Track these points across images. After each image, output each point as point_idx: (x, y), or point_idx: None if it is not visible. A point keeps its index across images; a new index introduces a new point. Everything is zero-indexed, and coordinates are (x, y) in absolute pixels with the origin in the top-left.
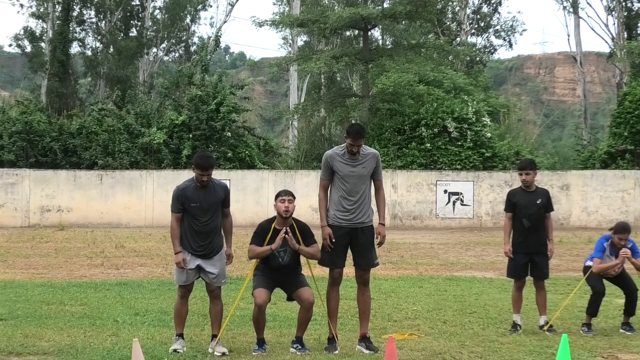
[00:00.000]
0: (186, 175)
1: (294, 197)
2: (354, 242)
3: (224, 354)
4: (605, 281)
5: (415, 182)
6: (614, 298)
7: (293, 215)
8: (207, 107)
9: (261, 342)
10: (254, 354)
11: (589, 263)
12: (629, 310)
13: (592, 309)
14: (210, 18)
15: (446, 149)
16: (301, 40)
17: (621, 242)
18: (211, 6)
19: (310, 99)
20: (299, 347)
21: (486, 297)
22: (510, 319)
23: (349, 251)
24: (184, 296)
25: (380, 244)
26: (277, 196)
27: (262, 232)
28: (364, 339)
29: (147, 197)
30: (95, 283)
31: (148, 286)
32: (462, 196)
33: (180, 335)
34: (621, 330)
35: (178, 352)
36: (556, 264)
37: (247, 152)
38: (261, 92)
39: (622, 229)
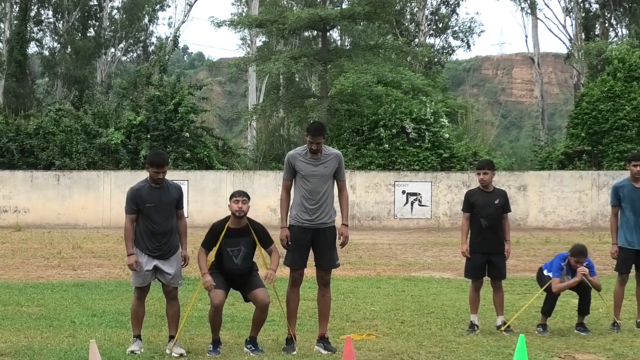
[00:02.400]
0: (144, 175)
1: (249, 198)
2: (315, 243)
3: (181, 355)
4: None
5: (374, 183)
6: (571, 298)
7: (249, 216)
8: (165, 107)
9: (216, 343)
10: (208, 355)
11: (547, 273)
12: (583, 309)
13: (547, 308)
14: (169, 18)
15: (404, 149)
16: (260, 40)
17: (577, 264)
18: (169, 6)
19: (269, 100)
20: (252, 348)
21: (444, 297)
22: (468, 319)
23: (311, 252)
24: (140, 297)
25: (343, 244)
26: (231, 197)
27: (214, 234)
28: (323, 340)
29: (104, 197)
30: (52, 284)
31: (105, 287)
32: (420, 197)
33: (138, 337)
34: (576, 331)
35: (135, 353)
36: (513, 265)
37: (205, 152)
38: (220, 93)
39: (579, 252)
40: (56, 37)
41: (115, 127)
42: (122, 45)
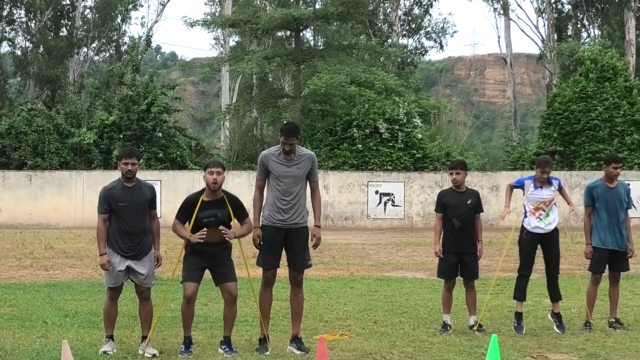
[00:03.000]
0: (117, 175)
1: (224, 169)
2: (288, 243)
3: (154, 355)
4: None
5: (347, 183)
6: (544, 298)
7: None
8: (138, 107)
9: (188, 342)
10: (180, 356)
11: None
12: (553, 295)
13: (519, 292)
14: (142, 18)
15: (377, 150)
16: (233, 40)
17: (543, 175)
18: (142, 6)
19: (242, 100)
20: (227, 348)
21: (417, 297)
22: (441, 319)
23: (284, 252)
24: (113, 298)
25: (315, 245)
26: (205, 167)
27: (189, 207)
28: (296, 340)
29: (77, 197)
30: (24, 284)
31: (78, 287)
32: (393, 197)
33: (110, 337)
34: (549, 319)
35: (108, 354)
36: (486, 264)
37: (178, 152)
38: (193, 93)
39: (543, 161)
40: (28, 37)
41: (87, 127)
42: (94, 44)
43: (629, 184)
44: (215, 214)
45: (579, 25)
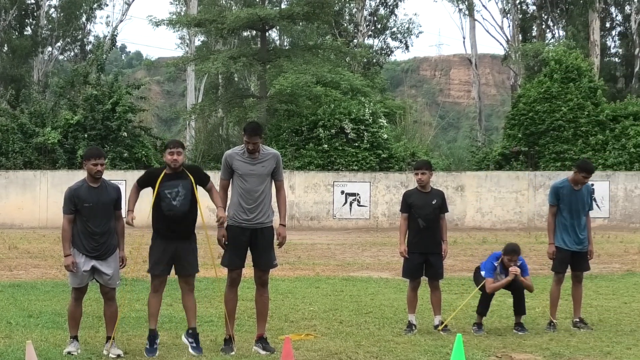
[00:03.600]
0: (81, 175)
1: (184, 148)
2: (253, 243)
3: (118, 356)
4: None
5: (313, 183)
6: (507, 298)
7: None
8: (103, 106)
9: (152, 338)
10: (146, 356)
11: (484, 273)
12: (518, 309)
13: (482, 307)
14: (107, 17)
15: (343, 150)
16: (199, 40)
17: (510, 262)
18: (107, 5)
19: (207, 99)
20: (193, 342)
21: (382, 297)
22: (406, 319)
23: (249, 252)
24: (78, 298)
25: (280, 244)
26: (166, 147)
27: (150, 176)
28: (261, 340)
29: (41, 197)
30: None
31: (42, 288)
32: (359, 197)
33: (75, 338)
34: (514, 331)
35: (72, 354)
36: (450, 264)
37: (143, 152)
38: (158, 92)
39: (511, 251)
40: None
41: (52, 126)
42: (59, 44)
43: (592, 185)
44: (177, 187)
45: (543, 26)
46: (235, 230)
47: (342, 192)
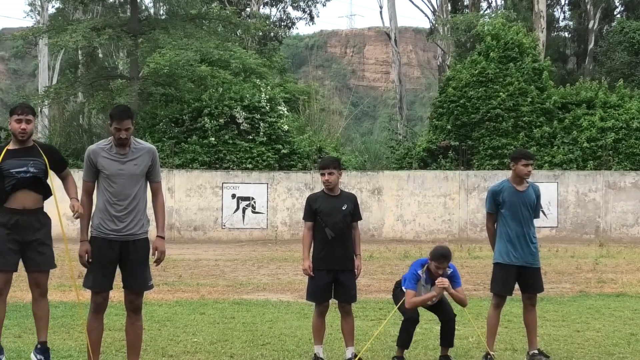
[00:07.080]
0: None
1: (35, 115)
2: (124, 259)
3: None
4: (420, 308)
5: (197, 185)
6: (435, 325)
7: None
8: None
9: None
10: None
11: (404, 284)
12: (445, 340)
13: (403, 339)
14: None
15: (234, 144)
16: (53, 7)
17: (439, 270)
18: None
19: (64, 81)
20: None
21: (282, 324)
22: (311, 352)
23: (118, 270)
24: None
25: (158, 261)
26: (12, 112)
27: None
28: None
29: None
30: None
31: None
32: (254, 202)
33: None
34: None
35: None
36: (366, 284)
37: None
38: (2, 71)
39: (440, 256)
40: None
41: None
42: None
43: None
44: (26, 166)
45: None
46: (101, 243)
47: (234, 196)
